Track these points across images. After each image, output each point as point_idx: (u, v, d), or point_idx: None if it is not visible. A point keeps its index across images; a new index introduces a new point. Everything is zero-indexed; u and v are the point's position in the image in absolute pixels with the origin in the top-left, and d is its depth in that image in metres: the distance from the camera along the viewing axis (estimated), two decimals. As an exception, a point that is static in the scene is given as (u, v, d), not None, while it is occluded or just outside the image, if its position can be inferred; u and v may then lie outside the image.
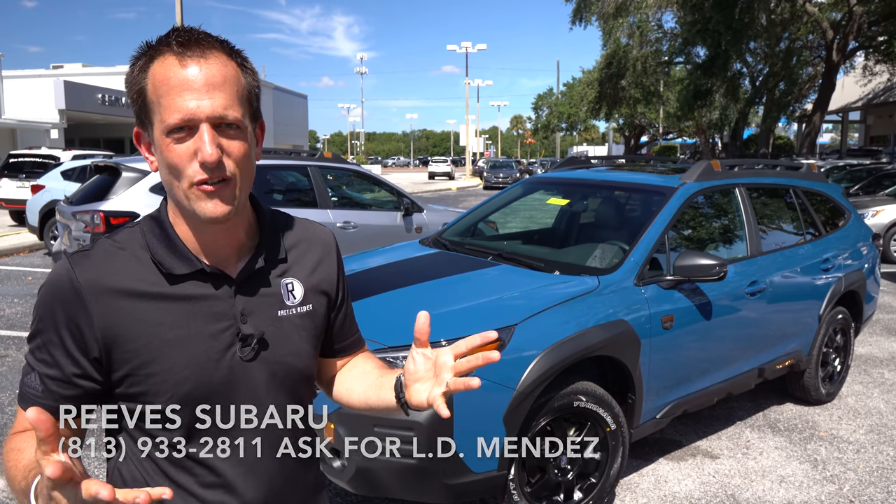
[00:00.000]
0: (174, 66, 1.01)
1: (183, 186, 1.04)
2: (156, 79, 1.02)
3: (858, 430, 4.43)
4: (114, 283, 1.06)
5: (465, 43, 44.37)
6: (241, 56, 1.08)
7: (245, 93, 1.07)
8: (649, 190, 4.06)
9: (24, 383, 1.08)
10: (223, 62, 1.04)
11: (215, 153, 1.01)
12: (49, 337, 1.06)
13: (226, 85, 1.03)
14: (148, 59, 1.03)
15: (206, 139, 1.01)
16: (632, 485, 3.65)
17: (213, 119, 1.01)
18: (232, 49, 1.07)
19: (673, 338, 3.43)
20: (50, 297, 1.06)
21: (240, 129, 1.05)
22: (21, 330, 6.40)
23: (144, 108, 1.05)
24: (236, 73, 1.05)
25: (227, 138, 1.04)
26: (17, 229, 13.89)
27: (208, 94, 1.01)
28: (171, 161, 1.03)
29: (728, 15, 20.96)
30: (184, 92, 1.00)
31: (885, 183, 13.62)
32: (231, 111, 1.03)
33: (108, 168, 6.65)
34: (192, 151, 1.02)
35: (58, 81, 26.15)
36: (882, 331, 6.92)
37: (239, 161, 1.05)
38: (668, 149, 49.68)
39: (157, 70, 1.02)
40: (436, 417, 2.62)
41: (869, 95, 28.61)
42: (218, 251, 1.13)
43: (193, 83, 1.00)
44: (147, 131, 1.07)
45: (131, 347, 1.06)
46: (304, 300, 1.21)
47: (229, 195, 1.05)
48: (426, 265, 3.79)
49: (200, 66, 1.01)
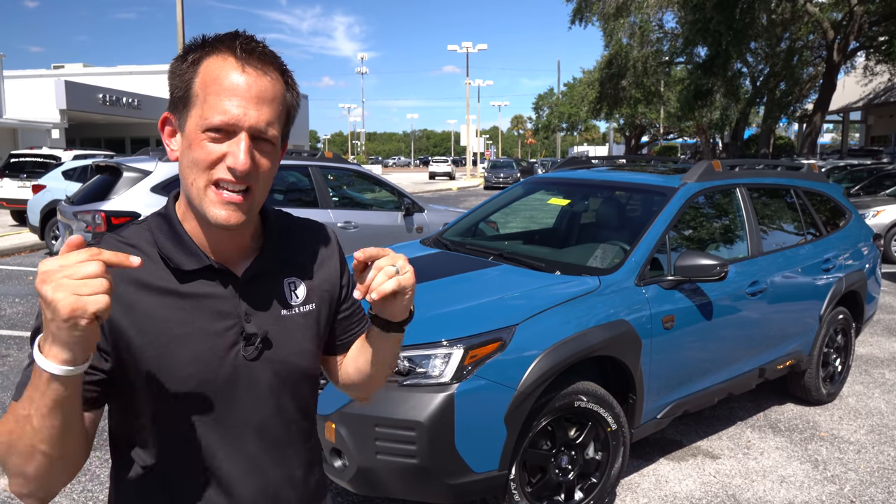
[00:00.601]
0: (233, 68, 1.02)
1: (198, 184, 1.04)
2: (209, 74, 1.03)
3: (859, 430, 4.43)
4: (123, 277, 1.06)
5: (465, 43, 44.34)
6: (290, 76, 1.11)
7: (286, 113, 1.10)
8: (650, 190, 4.06)
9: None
10: (276, 79, 1.06)
11: (248, 163, 1.02)
12: None
13: (274, 102, 1.05)
14: (205, 52, 1.04)
15: (242, 147, 1.02)
16: (633, 485, 3.65)
17: (254, 131, 1.03)
18: (284, 68, 1.09)
19: (674, 338, 3.43)
20: None
21: (273, 146, 1.07)
22: (22, 330, 6.40)
23: (186, 98, 1.05)
24: (284, 93, 1.08)
25: (259, 152, 1.05)
26: (18, 229, 13.90)
27: (256, 107, 1.02)
28: (199, 157, 1.03)
29: (729, 15, 20.95)
30: (234, 97, 1.01)
31: (885, 183, 13.62)
32: (272, 129, 1.05)
33: (109, 168, 6.65)
34: (222, 154, 1.03)
35: (59, 81, 26.16)
36: (883, 331, 6.92)
37: (263, 175, 1.07)
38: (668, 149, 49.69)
39: (214, 66, 1.03)
40: (437, 417, 2.63)
41: (870, 95, 28.60)
42: (224, 250, 1.14)
43: (246, 91, 1.02)
44: (179, 119, 1.07)
45: (138, 342, 1.06)
46: (307, 299, 1.22)
47: (246, 207, 1.06)
48: (427, 265, 3.79)
49: (257, 77, 1.03)
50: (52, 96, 25.88)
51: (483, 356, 2.75)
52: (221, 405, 1.12)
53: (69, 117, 27.19)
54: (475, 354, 2.74)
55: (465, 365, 2.71)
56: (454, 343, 2.75)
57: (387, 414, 2.64)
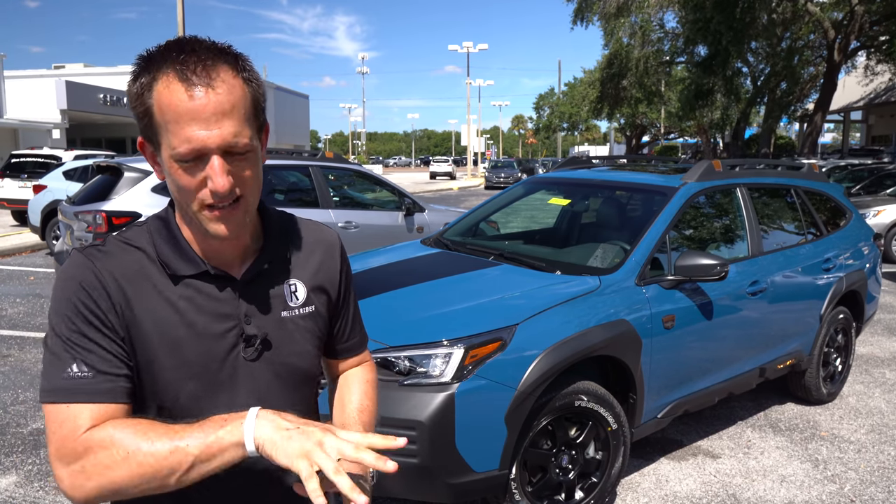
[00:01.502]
0: (179, 92, 0.97)
1: (193, 208, 1.04)
2: (162, 103, 0.98)
3: (859, 429, 4.44)
4: (128, 277, 1.07)
5: (466, 43, 44.32)
6: (245, 67, 1.04)
7: (252, 110, 1.04)
8: (651, 190, 4.06)
9: (63, 379, 0.99)
10: (230, 84, 0.99)
11: (227, 183, 1.00)
12: (80, 325, 1.02)
13: (234, 111, 0.99)
14: (151, 78, 0.99)
15: (216, 170, 0.99)
16: (633, 484, 3.65)
17: (224, 148, 0.99)
18: (237, 60, 1.03)
19: (674, 337, 3.43)
20: (72, 287, 1.04)
21: (250, 152, 1.03)
22: (23, 330, 6.41)
23: (151, 126, 1.02)
24: (243, 92, 1.02)
25: (237, 162, 1.02)
26: (18, 229, 13.91)
27: (217, 124, 0.98)
28: (181, 184, 1.02)
29: (729, 14, 20.93)
30: (191, 122, 0.97)
31: (886, 183, 13.61)
32: (241, 138, 1.00)
33: (109, 168, 6.66)
34: (201, 179, 1.01)
35: (59, 81, 26.17)
36: (883, 330, 6.92)
37: (249, 181, 1.05)
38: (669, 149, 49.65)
39: (163, 94, 0.98)
40: (438, 417, 2.63)
41: (870, 95, 28.57)
42: (223, 253, 1.14)
43: (202, 112, 0.97)
44: (153, 145, 1.05)
45: (142, 342, 1.07)
46: (307, 301, 1.22)
47: (239, 215, 1.06)
48: (427, 265, 3.79)
49: (207, 94, 0.97)
50: (53, 96, 25.89)
51: (483, 356, 2.75)
52: (222, 406, 1.12)
53: (70, 117, 27.20)
54: (476, 354, 2.75)
55: (465, 365, 2.72)
56: (455, 343, 2.76)
57: (387, 413, 2.65)
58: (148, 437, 0.95)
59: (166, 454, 0.94)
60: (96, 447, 0.95)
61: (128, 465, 0.94)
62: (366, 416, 1.29)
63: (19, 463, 3.78)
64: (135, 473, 0.94)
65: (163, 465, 0.94)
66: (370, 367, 1.42)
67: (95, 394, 1.00)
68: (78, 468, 0.95)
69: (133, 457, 0.94)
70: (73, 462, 0.96)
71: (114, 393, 1.01)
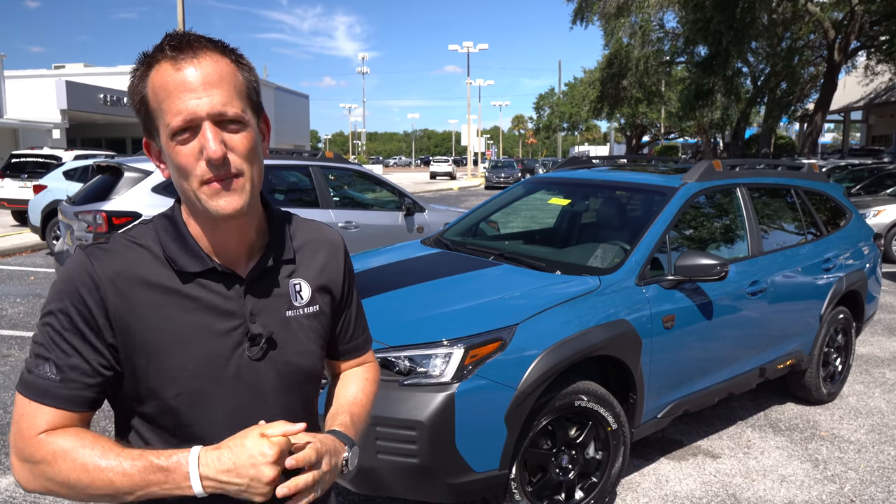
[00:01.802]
0: (169, 70, 1.03)
1: (193, 186, 1.05)
2: (155, 86, 1.04)
3: (860, 429, 4.44)
4: (131, 276, 1.08)
5: (466, 43, 44.34)
6: (235, 53, 1.09)
7: (243, 88, 1.08)
8: (651, 190, 4.06)
9: (34, 374, 1.04)
10: (216, 60, 1.05)
11: (219, 149, 1.03)
12: (65, 325, 1.05)
13: (223, 82, 1.04)
14: (146, 68, 1.05)
15: (209, 136, 1.02)
16: (633, 484, 3.65)
17: (214, 116, 1.03)
18: (225, 47, 1.08)
19: (674, 337, 3.43)
20: (67, 286, 1.06)
21: (242, 124, 1.06)
22: (24, 330, 6.41)
23: (149, 116, 1.06)
24: (232, 70, 1.06)
25: (230, 133, 1.05)
26: (19, 229, 13.91)
27: (206, 92, 1.02)
28: (179, 163, 1.04)
29: (729, 14, 20.93)
30: (182, 93, 1.02)
31: (886, 183, 13.60)
32: (230, 107, 1.04)
33: (109, 168, 6.65)
34: (197, 150, 1.03)
35: (60, 81, 26.17)
36: (883, 330, 6.92)
37: (245, 155, 1.07)
38: (669, 148, 49.63)
39: (155, 77, 1.04)
40: (438, 417, 2.63)
41: (871, 95, 28.56)
42: (229, 250, 1.14)
43: (191, 84, 1.02)
44: (155, 140, 1.09)
45: (145, 341, 1.07)
46: (311, 301, 1.22)
47: (239, 189, 1.07)
48: (428, 265, 3.79)
49: (195, 66, 1.03)
50: (53, 96, 25.89)
51: (483, 356, 2.75)
52: (226, 405, 1.12)
53: (70, 117, 27.20)
54: (476, 354, 2.75)
55: (465, 364, 2.72)
56: (455, 343, 2.76)
57: (387, 413, 2.65)
58: (94, 461, 1.01)
59: (106, 489, 1.01)
60: (40, 458, 1.02)
61: (70, 478, 1.01)
62: (356, 409, 1.29)
63: (19, 463, 3.77)
64: (74, 489, 1.02)
65: (101, 493, 1.01)
66: (372, 368, 1.42)
67: (57, 399, 1.04)
68: (27, 467, 1.03)
69: (74, 477, 1.01)
70: (25, 461, 1.04)
71: (74, 402, 1.05)
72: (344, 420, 1.24)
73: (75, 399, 1.05)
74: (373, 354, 1.44)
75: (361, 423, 1.29)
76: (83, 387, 1.05)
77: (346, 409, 1.28)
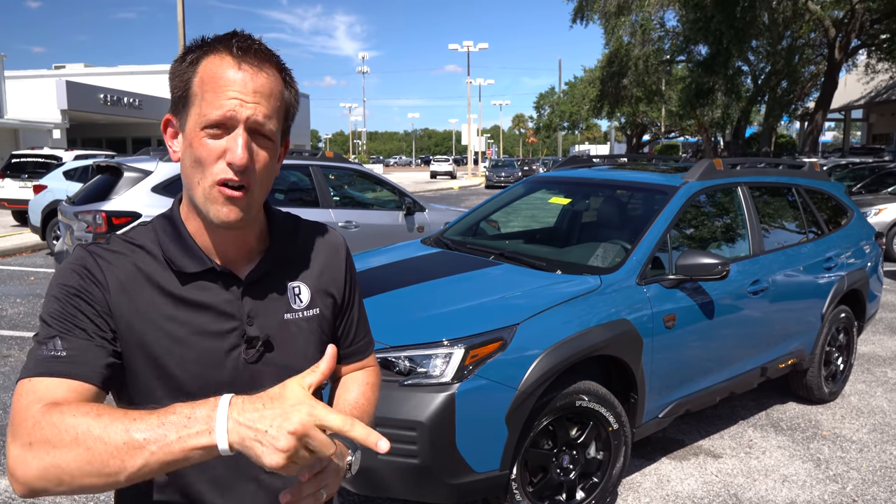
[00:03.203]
0: (230, 66, 1.03)
1: (204, 184, 1.04)
2: (207, 72, 1.03)
3: (861, 429, 4.42)
4: (130, 275, 1.07)
5: (466, 42, 44.50)
6: (289, 74, 1.11)
7: (284, 109, 1.10)
8: (651, 189, 4.05)
9: (40, 355, 0.97)
10: (273, 75, 1.06)
11: (245, 157, 1.02)
12: (71, 308, 1.01)
13: (271, 97, 1.05)
14: (202, 52, 1.05)
15: (240, 142, 1.02)
16: (634, 484, 3.64)
17: (252, 124, 1.03)
18: (282, 66, 1.10)
19: (675, 337, 3.42)
20: (70, 275, 1.04)
21: (271, 142, 1.07)
22: (24, 330, 6.41)
23: (185, 97, 1.06)
24: (282, 89, 1.08)
25: (257, 146, 1.05)
26: (19, 229, 13.91)
27: (254, 100, 1.03)
28: (200, 155, 1.03)
29: (730, 13, 20.92)
30: (231, 92, 1.02)
31: (887, 181, 13.58)
32: (270, 123, 1.05)
33: (109, 168, 6.65)
34: (221, 150, 1.03)
35: (60, 81, 26.16)
36: (885, 329, 6.90)
37: (262, 171, 1.07)
38: (670, 147, 49.63)
39: (211, 65, 1.04)
40: (438, 417, 2.62)
41: (871, 93, 28.55)
42: (228, 252, 1.14)
43: (243, 87, 1.02)
44: (180, 119, 1.08)
45: (142, 340, 1.06)
46: (311, 304, 1.21)
47: (245, 204, 1.06)
48: (428, 265, 3.78)
49: (254, 74, 1.04)
50: (54, 96, 25.88)
51: (484, 356, 2.74)
52: None
53: (70, 117, 27.20)
54: (476, 354, 2.74)
55: (465, 365, 2.71)
56: (455, 343, 2.75)
57: (388, 414, 2.64)
58: (102, 420, 0.86)
59: (119, 445, 0.84)
60: (46, 423, 0.87)
61: (74, 448, 0.85)
62: (358, 413, 1.27)
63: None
64: (81, 458, 0.85)
65: (112, 456, 0.84)
66: (373, 372, 1.39)
67: (64, 372, 0.96)
68: (25, 442, 0.87)
69: (81, 439, 0.85)
70: (23, 436, 0.88)
71: (82, 372, 0.97)
72: None
73: (83, 371, 0.98)
74: (374, 358, 1.42)
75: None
76: (92, 358, 1.00)
77: (347, 414, 1.26)
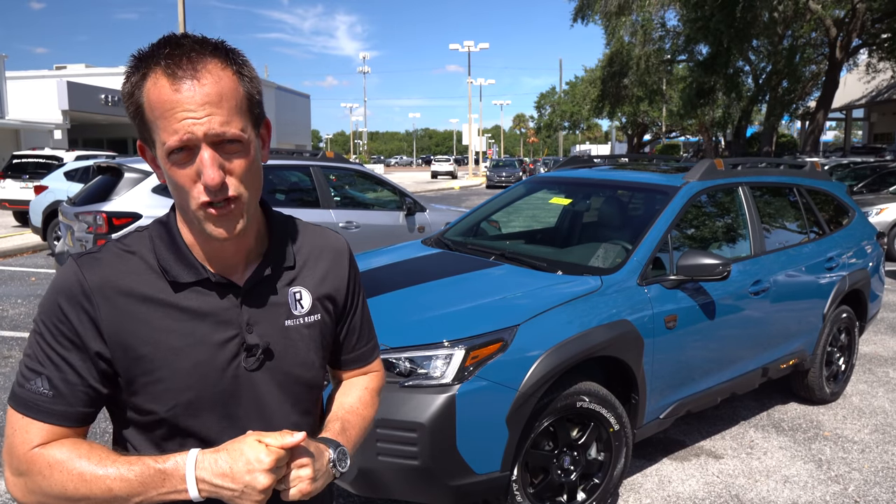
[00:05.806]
0: (166, 86, 0.97)
1: (192, 206, 1.02)
2: (150, 99, 0.98)
3: (863, 429, 4.41)
4: (123, 287, 1.05)
5: (467, 42, 44.50)
6: (237, 61, 1.03)
7: (244, 102, 1.02)
8: (652, 189, 4.04)
9: (26, 389, 1.02)
10: (217, 76, 0.99)
11: (217, 176, 0.99)
12: (57, 338, 1.02)
13: (222, 101, 0.98)
14: (140, 76, 0.99)
15: (206, 162, 0.98)
16: (635, 485, 3.64)
17: (212, 138, 0.98)
18: (227, 55, 1.02)
19: (676, 338, 3.42)
20: (57, 298, 1.03)
21: (241, 144, 1.02)
22: (25, 331, 6.40)
23: (144, 125, 1.02)
24: (232, 85, 1.00)
25: (228, 154, 1.01)
26: (20, 230, 13.92)
27: (205, 113, 0.97)
28: (177, 182, 1.01)
29: (730, 13, 20.90)
30: (178, 113, 0.96)
31: (889, 181, 13.55)
32: (230, 127, 0.99)
33: (110, 169, 6.65)
34: (194, 173, 1.00)
35: (61, 82, 26.19)
36: (887, 329, 6.89)
37: (243, 177, 1.03)
38: (670, 147, 49.60)
39: (151, 90, 0.98)
40: (438, 419, 2.62)
41: (872, 93, 28.52)
42: (225, 258, 1.11)
43: (188, 104, 0.96)
44: (150, 147, 1.05)
45: (138, 352, 1.05)
46: (312, 310, 1.19)
47: (236, 214, 1.04)
48: (428, 265, 3.78)
49: (193, 85, 0.96)
50: (55, 97, 25.92)
51: (484, 357, 2.74)
52: (224, 416, 1.10)
53: (71, 118, 27.23)
54: (477, 355, 2.73)
55: (466, 366, 2.70)
56: (455, 344, 2.74)
57: (388, 415, 2.63)
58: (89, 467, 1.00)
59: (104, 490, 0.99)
60: (36, 471, 1.01)
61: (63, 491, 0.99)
62: (350, 416, 1.25)
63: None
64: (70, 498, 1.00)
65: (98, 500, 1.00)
66: (376, 377, 1.37)
67: (51, 415, 1.03)
68: (21, 482, 1.02)
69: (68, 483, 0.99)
70: (19, 475, 1.02)
71: (67, 417, 1.04)
72: (334, 427, 1.21)
73: (69, 415, 1.04)
74: (380, 363, 1.39)
75: (356, 431, 1.25)
76: (77, 402, 1.04)
77: (339, 417, 1.24)
